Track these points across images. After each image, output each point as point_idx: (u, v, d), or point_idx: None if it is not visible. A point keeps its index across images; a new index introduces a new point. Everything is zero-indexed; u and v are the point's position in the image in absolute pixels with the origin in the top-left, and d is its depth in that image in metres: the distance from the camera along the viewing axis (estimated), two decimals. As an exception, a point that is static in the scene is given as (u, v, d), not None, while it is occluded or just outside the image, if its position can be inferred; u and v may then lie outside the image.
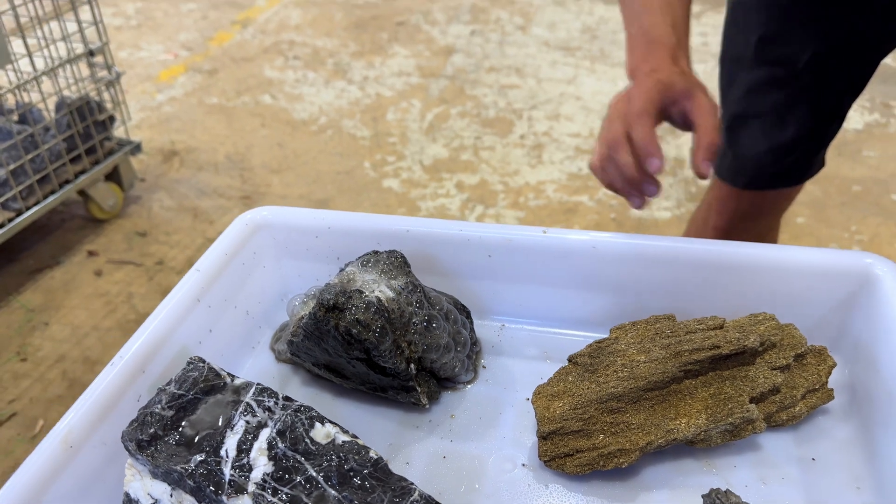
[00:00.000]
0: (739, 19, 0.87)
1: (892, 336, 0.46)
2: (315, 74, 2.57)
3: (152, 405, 0.42)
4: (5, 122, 1.60)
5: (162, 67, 2.65)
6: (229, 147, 2.19)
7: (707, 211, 0.97)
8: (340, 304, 0.47)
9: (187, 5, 3.18)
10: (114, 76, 1.77)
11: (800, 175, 0.91)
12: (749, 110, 0.87)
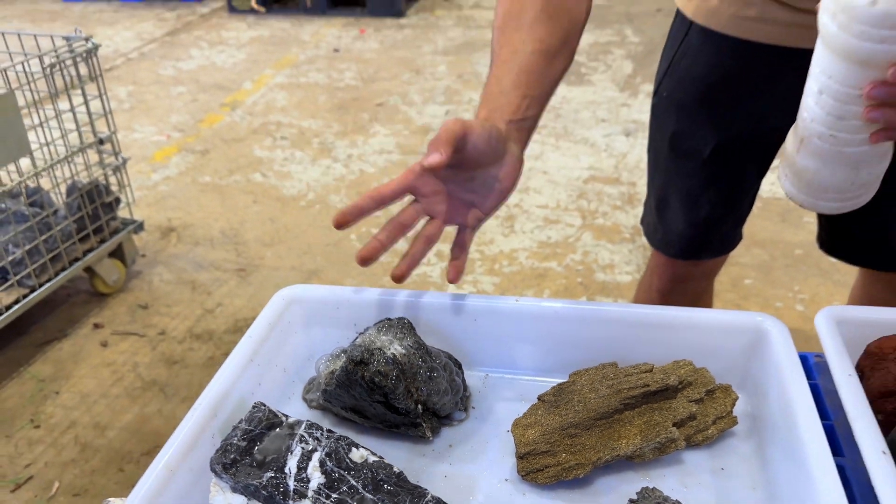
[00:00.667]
0: (658, 118, 1.06)
1: (778, 376, 0.62)
2: (302, 153, 2.76)
3: (230, 438, 0.57)
4: (19, 205, 1.75)
5: (156, 148, 2.83)
6: (223, 223, 2.34)
7: (651, 276, 1.15)
8: (366, 359, 0.62)
9: (177, 89, 3.38)
10: (120, 161, 1.93)
11: (720, 248, 1.10)
12: (669, 193, 1.05)
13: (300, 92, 3.30)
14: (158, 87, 3.40)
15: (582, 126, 2.91)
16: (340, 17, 4.33)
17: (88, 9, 4.69)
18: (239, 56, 3.76)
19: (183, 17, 4.44)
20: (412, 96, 3.24)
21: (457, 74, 3.47)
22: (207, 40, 4.01)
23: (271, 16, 4.35)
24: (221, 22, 4.31)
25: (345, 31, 4.11)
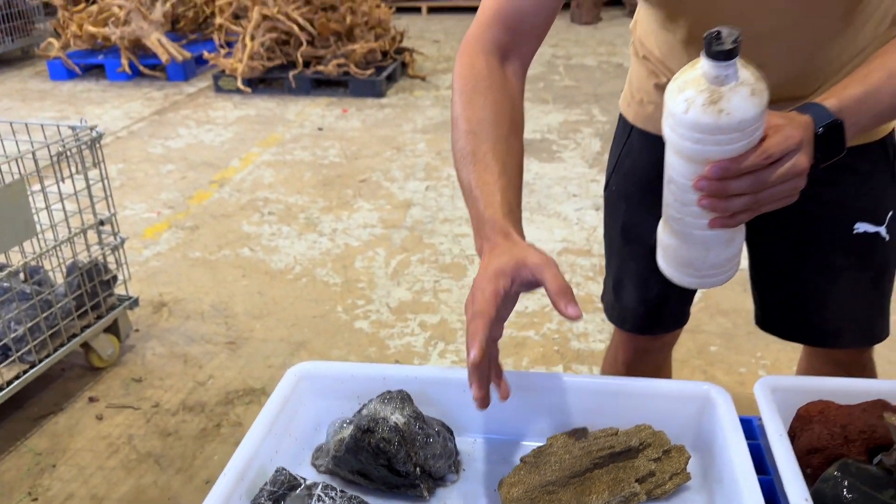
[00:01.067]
0: (609, 209, 1.21)
1: (723, 437, 0.73)
2: (289, 228, 2.88)
3: (258, 498, 0.66)
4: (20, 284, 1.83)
5: (146, 225, 2.93)
6: (213, 297, 2.44)
7: (615, 349, 1.27)
8: (372, 427, 0.72)
9: (166, 167, 3.51)
10: (118, 241, 2.03)
11: (672, 324, 1.22)
12: (624, 275, 1.19)
13: (286, 169, 3.44)
14: (148, 165, 3.52)
15: (554, 201, 3.07)
16: (324, 97, 4.52)
17: (77, 88, 4.85)
18: (226, 134, 3.91)
19: (170, 96, 4.61)
20: (394, 172, 3.40)
21: (435, 151, 3.64)
22: (195, 119, 4.17)
23: (257, 96, 4.54)
24: (208, 101, 4.48)
25: (328, 110, 4.30)
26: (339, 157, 3.59)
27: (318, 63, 4.56)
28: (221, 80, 4.58)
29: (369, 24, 4.71)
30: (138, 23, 4.64)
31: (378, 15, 4.72)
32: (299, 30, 4.39)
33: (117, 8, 4.67)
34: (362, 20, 4.63)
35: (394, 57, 4.90)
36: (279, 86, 4.64)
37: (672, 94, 0.72)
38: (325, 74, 4.50)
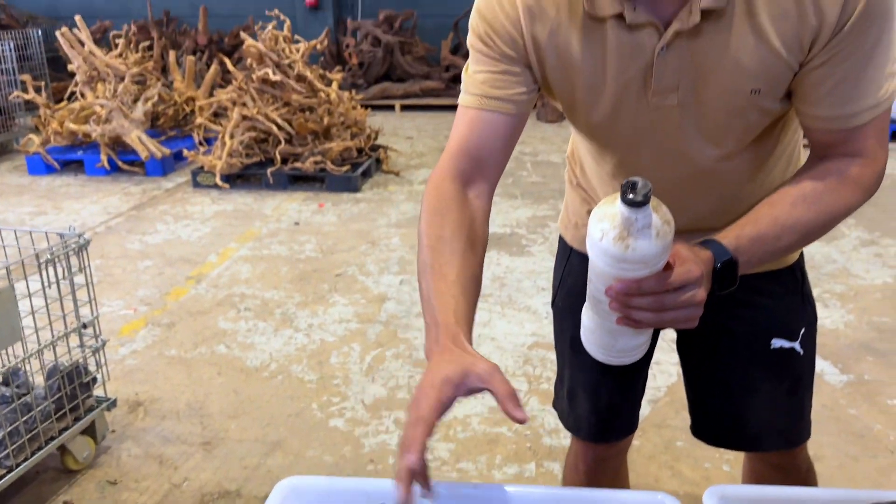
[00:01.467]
0: (558, 322, 1.31)
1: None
2: (265, 324, 2.93)
3: None
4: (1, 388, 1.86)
5: (123, 322, 2.96)
6: (189, 395, 2.46)
7: (575, 456, 1.35)
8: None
9: (144, 262, 3.57)
10: (100, 344, 2.07)
11: (624, 431, 1.31)
12: (576, 385, 1.28)
13: (263, 264, 3.52)
14: (126, 261, 3.58)
15: (525, 294, 3.17)
16: (300, 192, 4.66)
17: (55, 183, 4.93)
18: (204, 230, 4.00)
19: (148, 191, 4.71)
20: (369, 266, 3.49)
21: (409, 245, 3.75)
22: (173, 214, 4.25)
23: (234, 191, 4.66)
24: (186, 196, 4.59)
25: (305, 205, 4.42)
26: (315, 252, 3.68)
27: (296, 160, 4.72)
28: (200, 176, 4.70)
29: (346, 124, 4.91)
30: (119, 121, 4.78)
31: (354, 116, 4.93)
32: (278, 129, 4.56)
33: (99, 107, 4.81)
34: (339, 120, 4.83)
35: (369, 153, 5.09)
36: (257, 181, 4.77)
37: (593, 220, 0.84)
38: (302, 171, 4.65)
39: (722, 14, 0.90)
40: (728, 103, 0.97)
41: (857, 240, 3.67)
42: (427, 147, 6.04)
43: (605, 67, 0.98)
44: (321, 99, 4.70)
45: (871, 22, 0.88)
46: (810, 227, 0.95)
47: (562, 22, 0.98)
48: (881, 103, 0.93)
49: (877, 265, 3.36)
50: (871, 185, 0.97)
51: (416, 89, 7.69)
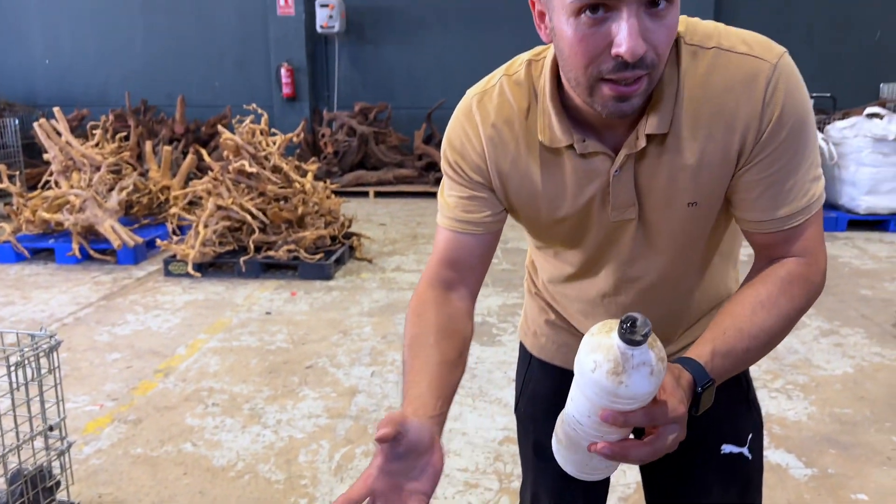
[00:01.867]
0: (521, 428, 1.36)
1: None
2: (232, 420, 2.90)
3: None
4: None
5: (88, 418, 2.91)
6: (154, 497, 2.41)
7: None
8: None
9: (112, 355, 3.53)
10: (65, 446, 2.04)
11: None
12: (539, 489, 1.31)
13: (232, 356, 3.51)
14: (93, 354, 3.54)
15: (496, 386, 3.19)
16: (273, 280, 4.68)
17: (24, 271, 4.91)
18: (174, 320, 3.98)
19: (119, 280, 4.70)
20: (340, 358, 3.50)
21: (381, 335, 3.77)
22: (143, 304, 4.24)
23: (206, 279, 4.67)
24: (157, 286, 4.58)
25: (277, 294, 4.44)
26: (285, 343, 3.68)
27: (269, 248, 4.76)
28: (172, 265, 4.71)
29: (320, 213, 4.99)
30: (93, 210, 4.81)
31: (328, 205, 5.02)
32: (252, 219, 4.62)
33: (73, 196, 4.85)
34: (313, 209, 4.91)
35: (342, 241, 5.15)
36: (229, 269, 4.79)
37: (585, 349, 0.84)
38: (275, 259, 4.69)
39: (664, 137, 0.99)
40: (670, 217, 1.05)
41: (818, 329, 3.77)
42: (400, 234, 6.13)
43: (566, 191, 1.07)
44: (296, 189, 4.79)
45: (788, 130, 0.97)
46: (772, 334, 1.00)
47: (522, 152, 1.07)
48: (811, 205, 1.01)
49: (837, 355, 3.45)
50: (817, 283, 1.04)
51: (389, 177, 7.86)
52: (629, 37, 0.85)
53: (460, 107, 1.11)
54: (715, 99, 0.97)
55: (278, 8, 8.29)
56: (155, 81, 8.73)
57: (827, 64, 8.23)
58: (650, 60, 0.89)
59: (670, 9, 0.88)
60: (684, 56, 0.99)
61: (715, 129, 0.98)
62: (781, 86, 0.96)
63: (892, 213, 5.93)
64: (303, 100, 8.52)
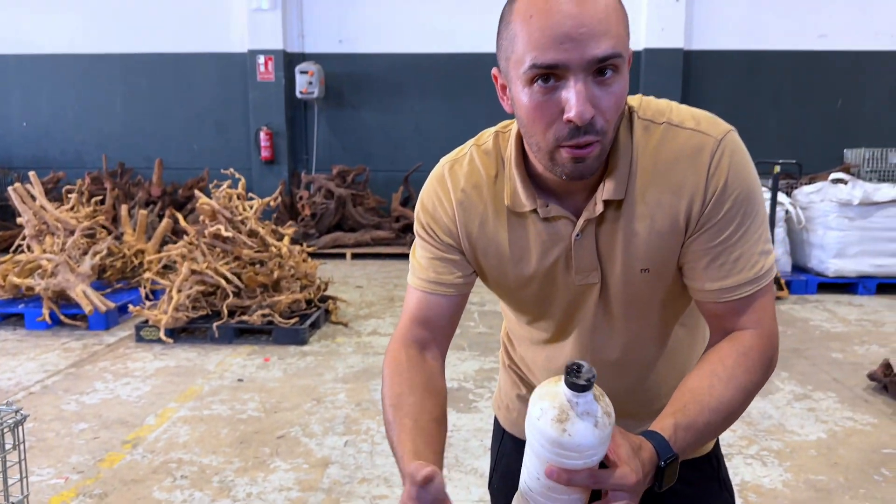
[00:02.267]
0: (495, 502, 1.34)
1: None
2: (201, 494, 2.82)
3: None
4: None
5: (53, 493, 2.82)
6: (116, 577, 2.32)
7: None
8: None
9: (79, 425, 3.45)
10: (24, 527, 1.97)
11: None
12: None
13: (203, 426, 3.44)
14: (60, 424, 3.45)
15: (471, 455, 3.15)
16: (246, 345, 4.63)
17: (-7, 336, 4.81)
18: (144, 388, 3.91)
19: (89, 346, 4.62)
20: (313, 427, 3.44)
21: (356, 402, 3.73)
22: (113, 372, 4.16)
23: (178, 345, 4.61)
24: (128, 352, 4.51)
25: (250, 359, 4.39)
26: (257, 411, 3.62)
27: (243, 313, 4.73)
28: (143, 331, 4.65)
29: (296, 276, 4.98)
30: (65, 275, 4.77)
31: (305, 268, 5.01)
32: (226, 283, 4.60)
33: (46, 261, 4.80)
34: (289, 273, 4.90)
35: (318, 304, 5.13)
36: (202, 334, 4.74)
37: (533, 398, 0.85)
38: (249, 323, 4.65)
39: (620, 204, 1.05)
40: (627, 282, 1.09)
41: (791, 394, 3.79)
42: (376, 296, 6.12)
43: (531, 254, 1.11)
44: (272, 252, 4.79)
45: (733, 201, 1.02)
46: (732, 407, 1.02)
47: (490, 216, 1.13)
48: (759, 278, 1.05)
49: (810, 420, 3.47)
50: (771, 356, 1.07)
51: (367, 238, 7.89)
52: (577, 103, 0.92)
53: (434, 173, 1.18)
54: (664, 170, 1.03)
55: (258, 74, 8.43)
56: (133, 144, 8.78)
57: (792, 131, 8.51)
58: (600, 126, 0.95)
59: (616, 78, 0.94)
60: (637, 129, 1.05)
61: (664, 198, 1.04)
62: (726, 159, 1.02)
63: (860, 276, 6.05)
64: (281, 163, 8.60)
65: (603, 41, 0.92)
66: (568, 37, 0.91)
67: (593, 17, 0.91)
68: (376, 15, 8.48)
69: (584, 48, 0.91)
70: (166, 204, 7.55)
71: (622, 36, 0.94)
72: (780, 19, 8.32)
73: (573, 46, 0.91)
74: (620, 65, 0.94)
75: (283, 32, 8.40)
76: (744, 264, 1.04)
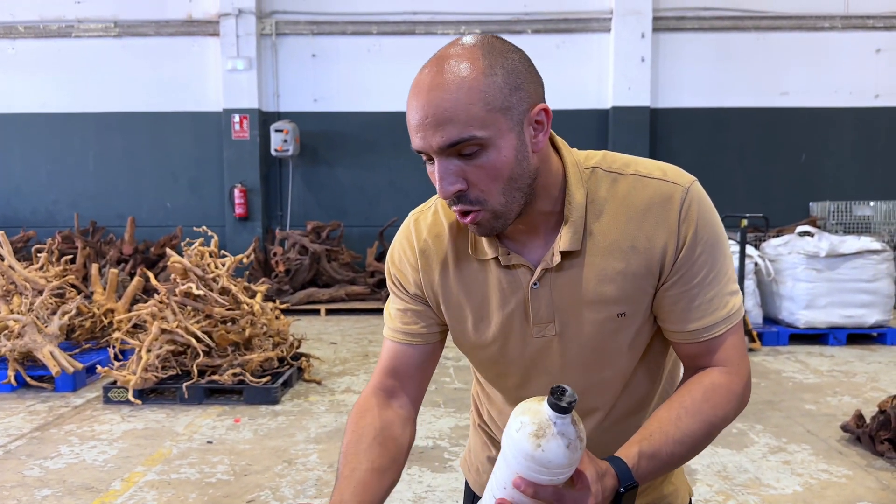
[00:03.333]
0: None
1: None
2: (167, 563, 2.73)
3: None
4: None
5: (9, 565, 2.71)
6: None
7: None
8: None
9: (42, 492, 3.34)
10: None
11: None
12: None
13: (170, 490, 3.34)
14: (21, 491, 3.34)
15: (446, 516, 3.09)
16: (217, 405, 4.54)
17: (-46, 400, 4.66)
18: (111, 452, 3.80)
19: (55, 409, 4.50)
20: (283, 490, 3.36)
21: (328, 464, 3.65)
22: (79, 435, 4.05)
23: (147, 406, 4.51)
24: (95, 414, 4.40)
25: (220, 420, 4.30)
26: (227, 474, 3.53)
27: (214, 372, 4.65)
28: (111, 392, 4.54)
29: (268, 334, 4.93)
30: (32, 336, 4.67)
31: (277, 326, 4.97)
32: (197, 342, 4.53)
33: (13, 321, 4.71)
34: (261, 331, 4.85)
35: (290, 362, 5.07)
36: (171, 395, 4.64)
37: (515, 412, 0.90)
38: (219, 383, 4.57)
39: (579, 254, 1.10)
40: (594, 329, 1.12)
41: (766, 447, 3.79)
42: (351, 352, 6.06)
43: (490, 301, 1.15)
44: (244, 310, 4.74)
45: (704, 246, 1.08)
46: (697, 439, 1.06)
47: (450, 263, 1.17)
48: (731, 317, 1.11)
49: (786, 473, 3.46)
50: (740, 393, 1.11)
51: (341, 294, 7.86)
52: (439, 179, 1.03)
53: (402, 226, 1.24)
54: (636, 216, 1.09)
55: (233, 132, 8.50)
56: (106, 202, 8.73)
57: (758, 185, 8.72)
58: (474, 196, 1.03)
59: (483, 152, 1.01)
60: (603, 182, 1.11)
61: (638, 243, 1.09)
62: (694, 206, 1.08)
63: (830, 327, 6.13)
64: (255, 219, 8.60)
65: (446, 130, 0.98)
66: (420, 127, 1.01)
67: (437, 107, 0.98)
68: (350, 75, 8.64)
69: (431, 137, 1.00)
70: (138, 262, 7.48)
71: (481, 118, 0.98)
72: (743, 78, 8.61)
73: (424, 135, 1.01)
74: (485, 143, 0.99)
75: (259, 92, 8.51)
76: (717, 304, 1.09)
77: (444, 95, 0.98)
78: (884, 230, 8.02)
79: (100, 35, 8.63)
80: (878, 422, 3.60)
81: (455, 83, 0.97)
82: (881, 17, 8.50)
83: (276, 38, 8.60)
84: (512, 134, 1.00)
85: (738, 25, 8.54)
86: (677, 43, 8.57)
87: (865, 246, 6.00)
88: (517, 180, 1.03)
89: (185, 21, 8.60)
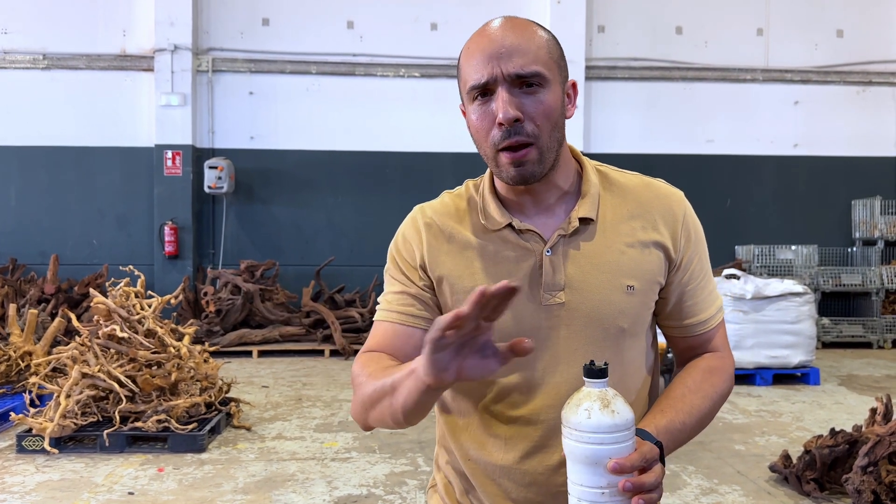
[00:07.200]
0: None
1: None
2: None
3: None
4: None
5: None
6: None
7: None
8: None
9: (-60, 552, 3.08)
10: None
11: None
12: None
13: (86, 547, 3.14)
14: (-84, 553, 3.08)
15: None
16: (140, 453, 4.33)
17: None
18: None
19: (-38, 459, 4.21)
20: (209, 544, 3.20)
21: (256, 514, 3.51)
22: (-14, 488, 3.79)
23: (64, 455, 4.26)
24: (7, 465, 4.13)
25: (142, 470, 4.09)
26: (149, 529, 3.34)
27: (137, 419, 4.44)
28: (26, 441, 4.28)
29: (195, 378, 4.75)
30: (-62, 381, 4.37)
31: (205, 369, 4.80)
32: (120, 387, 4.33)
33: (-83, 366, 4.41)
34: (188, 374, 4.68)
35: (219, 408, 4.89)
36: (91, 443, 4.40)
37: (571, 410, 0.92)
38: (142, 430, 4.36)
39: (592, 225, 1.20)
40: (601, 301, 1.18)
41: (699, 488, 3.83)
42: (283, 396, 5.90)
43: (499, 270, 1.19)
44: (170, 353, 4.57)
45: (700, 245, 1.26)
46: (702, 413, 1.19)
47: (460, 233, 1.23)
48: (721, 309, 1.30)
49: (717, 515, 3.50)
50: (730, 374, 1.29)
51: (275, 335, 7.68)
52: (501, 105, 1.11)
53: (407, 217, 1.31)
54: (645, 202, 1.25)
55: (165, 168, 8.30)
56: (28, 239, 8.35)
57: (688, 227, 8.97)
58: (530, 130, 1.12)
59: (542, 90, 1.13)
60: (611, 173, 1.27)
61: (648, 223, 1.22)
62: (690, 211, 1.28)
63: (757, 368, 6.30)
64: (186, 258, 8.36)
65: (521, 59, 1.11)
66: (492, 56, 1.12)
67: (513, 41, 1.12)
68: (288, 113, 8.58)
69: (505, 64, 1.11)
70: (60, 302, 7.15)
71: (545, 61, 1.14)
72: (671, 126, 8.94)
73: (495, 63, 1.11)
74: (544, 82, 1.13)
75: (193, 128, 8.35)
76: (713, 299, 1.28)
77: (520, 34, 1.13)
78: (805, 273, 8.36)
79: (27, 67, 8.36)
80: (804, 462, 3.69)
81: (528, 30, 1.15)
82: (798, 72, 8.99)
83: (213, 75, 8.49)
84: (559, 88, 1.16)
85: (667, 76, 8.89)
86: (608, 91, 8.85)
87: (788, 289, 6.23)
88: (558, 130, 1.16)
89: (119, 56, 8.42)
